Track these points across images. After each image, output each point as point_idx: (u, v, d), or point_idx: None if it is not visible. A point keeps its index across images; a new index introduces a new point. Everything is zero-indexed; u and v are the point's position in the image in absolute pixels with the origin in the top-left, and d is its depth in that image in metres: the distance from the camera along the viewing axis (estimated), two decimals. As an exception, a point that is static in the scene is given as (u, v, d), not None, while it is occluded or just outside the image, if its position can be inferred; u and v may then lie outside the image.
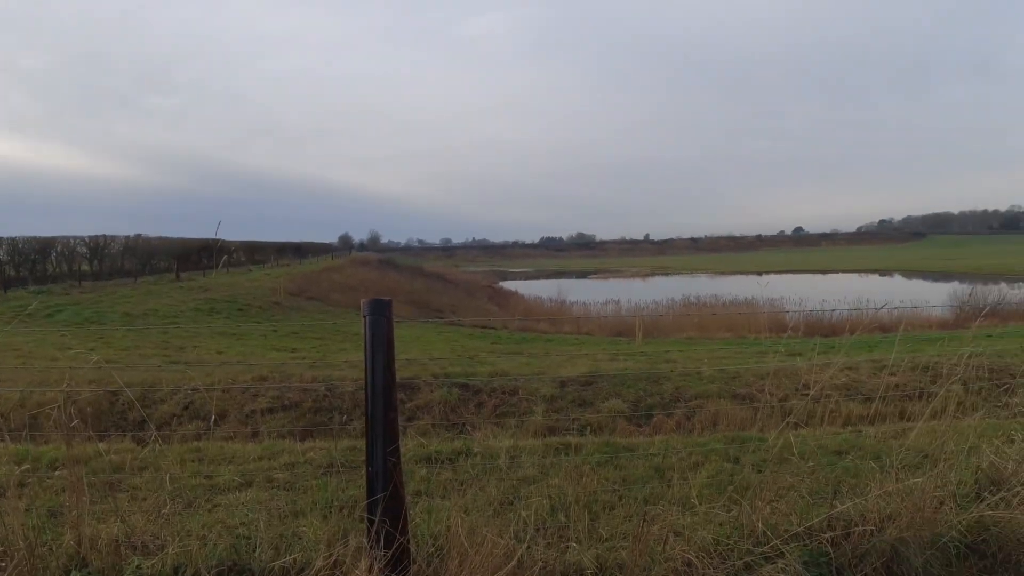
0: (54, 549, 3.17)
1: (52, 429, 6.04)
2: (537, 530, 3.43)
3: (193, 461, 5.50)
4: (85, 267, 31.23)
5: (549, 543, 3.33)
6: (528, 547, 3.08)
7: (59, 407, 3.51)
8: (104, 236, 32.31)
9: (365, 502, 2.87)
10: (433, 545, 3.13)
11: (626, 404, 9.13)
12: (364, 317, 2.86)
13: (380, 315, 2.85)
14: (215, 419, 7.38)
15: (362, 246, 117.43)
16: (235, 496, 4.54)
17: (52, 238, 29.96)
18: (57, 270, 29.99)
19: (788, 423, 4.18)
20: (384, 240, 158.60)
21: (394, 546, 2.75)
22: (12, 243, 27.95)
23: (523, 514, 3.73)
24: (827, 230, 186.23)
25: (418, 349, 14.44)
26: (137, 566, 3.10)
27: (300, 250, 59.69)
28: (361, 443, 6.20)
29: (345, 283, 36.14)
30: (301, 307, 26.68)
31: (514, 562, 2.85)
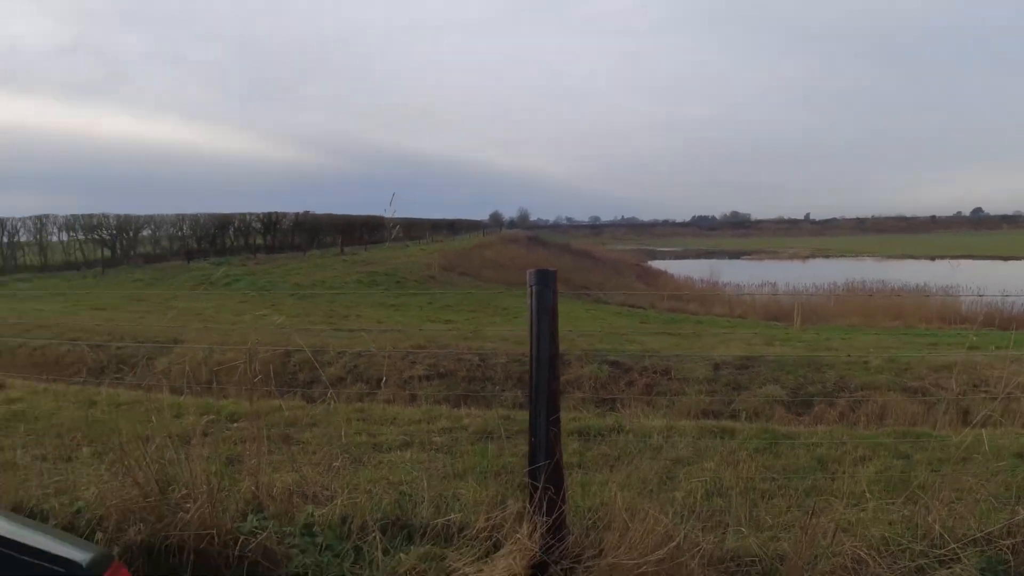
0: (232, 494, 3.40)
1: (231, 385, 6.58)
2: (693, 512, 3.35)
3: (358, 420, 5.80)
4: (259, 241, 34.17)
5: (705, 527, 3.24)
6: (687, 529, 3.01)
7: (244, 364, 3.77)
8: (276, 213, 35.16)
9: (526, 469, 2.89)
10: (590, 518, 3.12)
11: (784, 391, 8.72)
12: (530, 287, 2.85)
13: (546, 286, 2.83)
14: (385, 380, 7.78)
15: (512, 224, 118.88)
16: (397, 455, 4.76)
17: (230, 215, 33.15)
18: (234, 244, 33.08)
19: (975, 422, 3.82)
20: (533, 218, 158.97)
21: (554, 514, 2.76)
22: (195, 219, 31.31)
23: (677, 495, 3.65)
24: (1010, 212, 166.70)
25: (567, 325, 14.49)
26: (309, 513, 3.30)
27: (453, 227, 61.52)
28: (514, 413, 6.35)
29: (495, 259, 36.91)
30: (454, 282, 27.53)
31: (675, 543, 2.78)
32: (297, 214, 36.44)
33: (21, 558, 1.34)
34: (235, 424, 5.48)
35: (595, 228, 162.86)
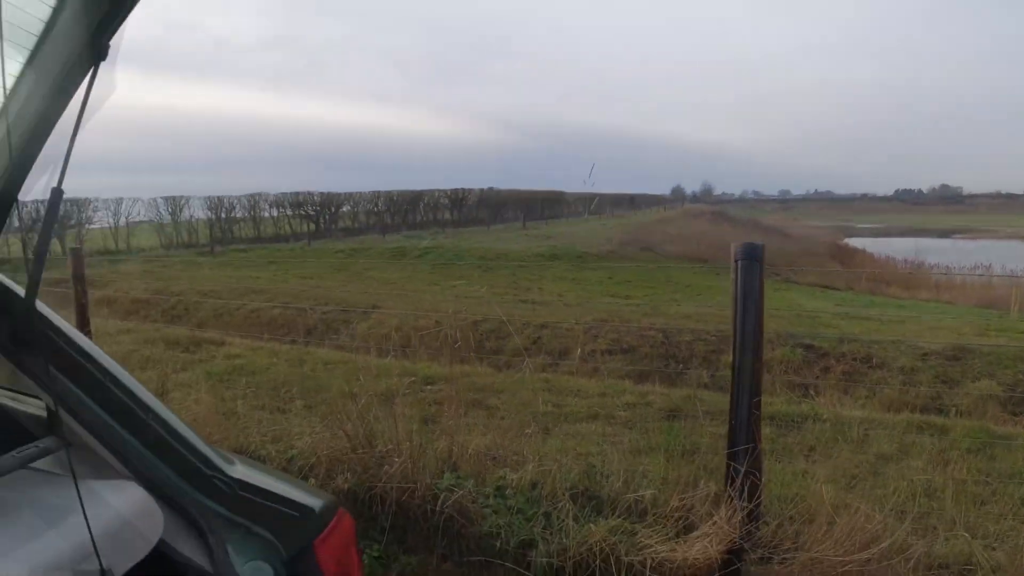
0: (430, 452, 3.56)
1: (425, 349, 6.92)
2: (905, 513, 3.11)
3: (544, 391, 5.89)
4: (446, 216, 36.53)
5: (915, 529, 3.00)
6: (899, 530, 2.80)
7: (444, 330, 3.95)
8: (462, 189, 37.62)
9: (725, 451, 2.80)
10: (788, 509, 2.97)
11: (1001, 387, 7.84)
12: (735, 262, 2.73)
13: (753, 260, 2.70)
14: (579, 352, 7.91)
15: (694, 198, 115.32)
16: (584, 427, 4.79)
17: (420, 192, 36.49)
18: (424, 218, 35.79)
19: None
20: (717, 192, 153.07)
21: (755, 500, 2.66)
22: (389, 196, 34.47)
23: (885, 493, 3.41)
24: None
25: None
26: (502, 476, 3.41)
27: (633, 201, 61.06)
28: (700, 393, 6.19)
29: (677, 235, 36.01)
30: (634, 256, 27.22)
31: (886, 543, 2.58)
32: (482, 190, 38.39)
33: (264, 503, 1.46)
34: (430, 386, 5.75)
35: (785, 202, 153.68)
